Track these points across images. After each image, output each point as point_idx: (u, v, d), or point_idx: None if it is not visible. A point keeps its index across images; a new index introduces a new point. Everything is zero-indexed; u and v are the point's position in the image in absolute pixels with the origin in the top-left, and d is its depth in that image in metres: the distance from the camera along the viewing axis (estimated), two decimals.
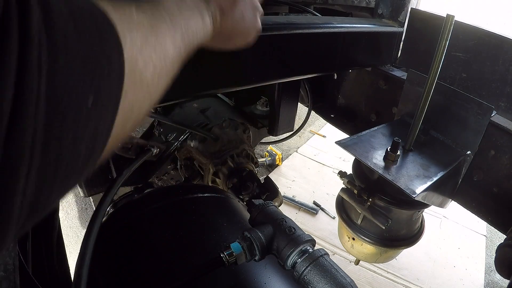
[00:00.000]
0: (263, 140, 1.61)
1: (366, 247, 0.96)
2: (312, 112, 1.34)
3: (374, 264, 1.87)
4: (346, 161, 2.81)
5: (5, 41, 0.18)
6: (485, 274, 2.01)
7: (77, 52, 0.23)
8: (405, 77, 0.98)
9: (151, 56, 0.32)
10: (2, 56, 0.18)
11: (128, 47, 0.28)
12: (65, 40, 0.22)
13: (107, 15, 0.27)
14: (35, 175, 0.22)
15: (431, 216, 2.35)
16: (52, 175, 0.24)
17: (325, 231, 2.13)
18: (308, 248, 0.59)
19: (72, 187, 0.28)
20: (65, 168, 0.25)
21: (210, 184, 1.22)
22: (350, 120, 1.26)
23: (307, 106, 1.31)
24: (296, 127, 1.33)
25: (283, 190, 2.41)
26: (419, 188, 0.70)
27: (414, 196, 0.68)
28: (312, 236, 0.61)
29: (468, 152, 0.86)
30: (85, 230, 0.60)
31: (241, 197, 1.16)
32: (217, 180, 1.21)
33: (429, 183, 0.73)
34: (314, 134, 3.19)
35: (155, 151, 0.86)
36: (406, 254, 1.88)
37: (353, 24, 0.93)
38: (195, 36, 0.43)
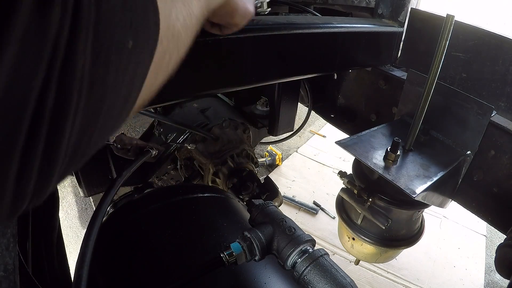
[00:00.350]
0: (263, 140, 1.61)
1: (366, 247, 0.96)
2: (312, 112, 1.34)
3: (374, 264, 1.87)
4: (346, 161, 2.81)
5: None
6: (485, 274, 2.01)
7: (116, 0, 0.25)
8: (405, 77, 0.98)
9: (181, 10, 0.36)
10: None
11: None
12: None
13: None
14: (81, 114, 0.23)
15: (431, 216, 2.35)
16: (96, 116, 0.25)
17: (325, 231, 2.13)
18: (308, 248, 0.59)
19: (109, 136, 0.30)
20: (106, 110, 0.26)
21: (210, 184, 1.22)
22: (350, 120, 1.26)
23: (307, 106, 1.31)
24: (296, 127, 1.33)
25: (283, 190, 2.41)
26: (419, 188, 0.70)
27: (414, 196, 0.68)
28: (312, 236, 0.61)
29: (468, 152, 0.86)
30: (85, 230, 0.60)
31: (241, 197, 1.16)
32: (217, 180, 1.21)
33: (429, 183, 0.73)
34: (314, 134, 3.19)
35: (154, 152, 0.86)
36: (406, 254, 1.88)
37: (353, 24, 0.93)
38: (211, 2, 0.48)
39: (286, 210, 2.26)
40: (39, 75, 0.20)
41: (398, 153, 0.78)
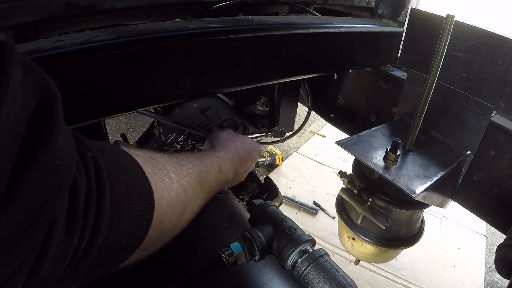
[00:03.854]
0: (263, 140, 1.61)
1: (366, 247, 0.96)
2: (312, 112, 1.34)
3: (374, 264, 1.87)
4: (346, 161, 2.81)
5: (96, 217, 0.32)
6: (485, 274, 2.01)
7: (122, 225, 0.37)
8: (405, 77, 0.98)
9: (173, 217, 0.47)
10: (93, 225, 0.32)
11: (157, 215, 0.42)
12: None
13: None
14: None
15: (431, 216, 2.35)
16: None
17: (325, 231, 2.13)
18: (308, 248, 0.59)
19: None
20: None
21: None
22: (350, 120, 1.26)
23: (307, 106, 1.31)
24: (296, 127, 1.33)
25: (283, 190, 2.41)
26: (419, 188, 0.70)
27: (414, 196, 0.68)
28: (312, 236, 0.61)
29: (468, 152, 0.86)
30: None
31: (241, 197, 1.16)
32: None
33: (429, 183, 0.73)
34: (314, 134, 3.19)
35: None
36: (406, 254, 1.88)
37: (353, 24, 0.93)
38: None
39: (286, 210, 2.25)
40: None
41: (398, 153, 0.78)
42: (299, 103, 1.29)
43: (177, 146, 1.10)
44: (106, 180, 0.34)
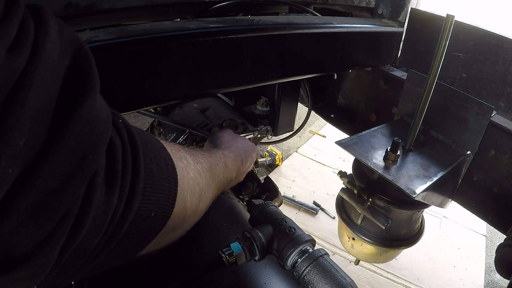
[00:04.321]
0: (263, 140, 1.61)
1: (366, 247, 0.96)
2: (312, 112, 1.34)
3: (374, 264, 1.87)
4: (346, 161, 2.81)
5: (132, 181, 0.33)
6: (485, 274, 2.01)
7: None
8: (405, 77, 0.98)
9: (193, 199, 0.47)
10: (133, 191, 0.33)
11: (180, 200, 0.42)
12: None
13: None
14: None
15: (431, 216, 2.35)
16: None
17: (325, 231, 2.13)
18: (308, 248, 0.59)
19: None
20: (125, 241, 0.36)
21: None
22: (350, 120, 1.26)
23: (307, 106, 1.31)
24: (296, 127, 1.33)
25: (283, 190, 2.41)
26: (419, 188, 0.70)
27: (414, 196, 0.68)
28: (312, 236, 0.61)
29: (468, 152, 0.86)
30: None
31: (241, 197, 1.16)
32: None
33: (429, 183, 0.73)
34: (314, 134, 3.19)
35: None
36: (406, 254, 1.88)
37: (353, 24, 0.93)
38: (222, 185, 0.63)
39: (286, 210, 2.26)
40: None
41: (398, 153, 0.78)
42: (299, 103, 1.29)
43: None
44: (139, 144, 0.34)
